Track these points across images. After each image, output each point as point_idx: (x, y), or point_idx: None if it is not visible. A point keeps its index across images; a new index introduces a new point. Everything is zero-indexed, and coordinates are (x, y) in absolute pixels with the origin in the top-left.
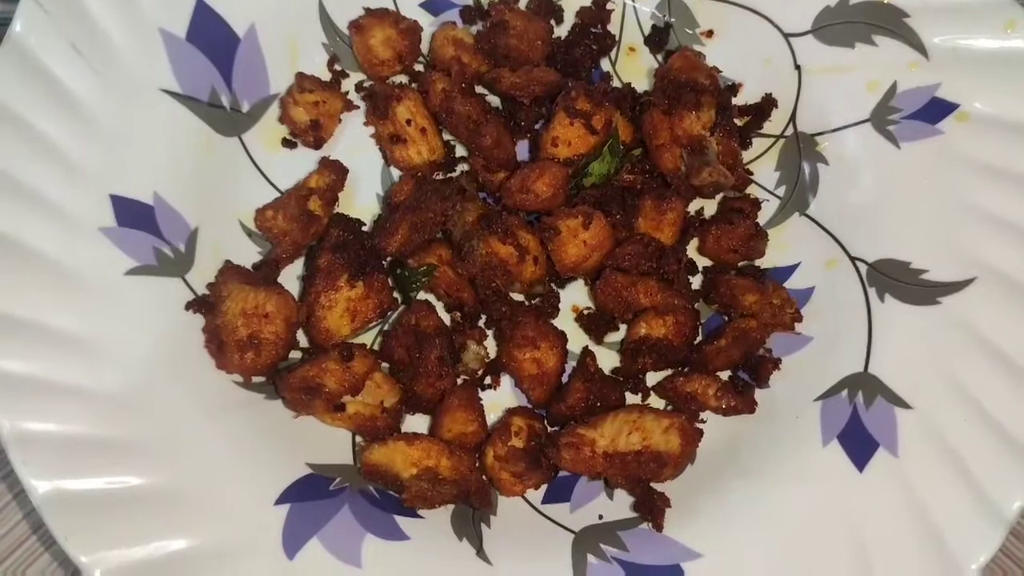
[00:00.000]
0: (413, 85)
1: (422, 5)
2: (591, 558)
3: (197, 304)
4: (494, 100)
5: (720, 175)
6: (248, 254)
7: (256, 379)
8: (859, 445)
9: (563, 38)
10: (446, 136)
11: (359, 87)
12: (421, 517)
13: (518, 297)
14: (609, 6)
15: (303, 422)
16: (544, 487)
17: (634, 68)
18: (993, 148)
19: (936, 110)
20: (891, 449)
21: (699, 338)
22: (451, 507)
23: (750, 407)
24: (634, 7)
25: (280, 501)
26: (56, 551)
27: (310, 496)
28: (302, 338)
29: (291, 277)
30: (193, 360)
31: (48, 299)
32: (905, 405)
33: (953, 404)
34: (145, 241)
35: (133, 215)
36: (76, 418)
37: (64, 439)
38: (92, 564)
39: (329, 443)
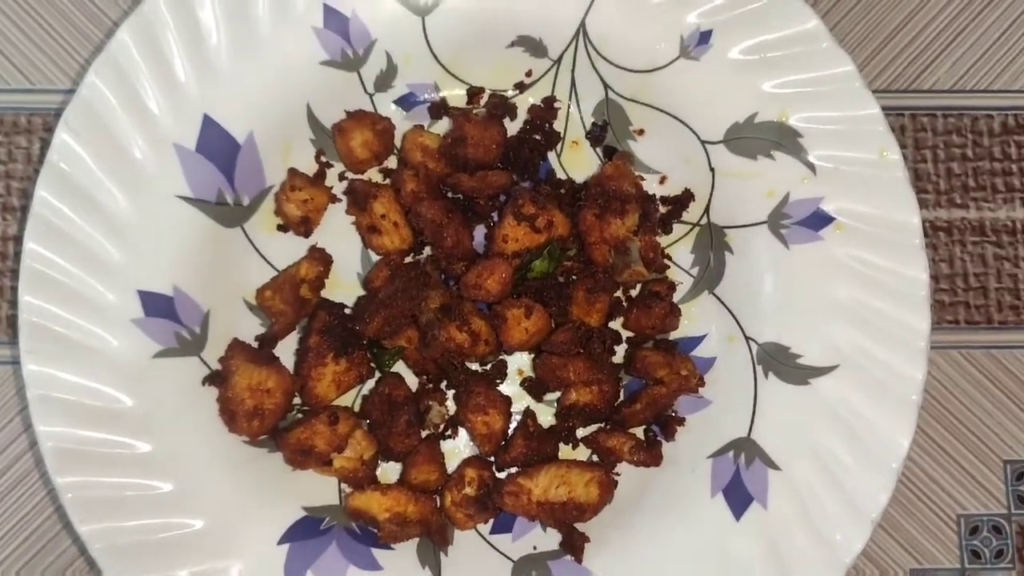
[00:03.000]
0: (387, 181)
1: (396, 102)
2: None
3: (211, 379)
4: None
5: (638, 275)
6: (252, 326)
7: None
8: (738, 498)
9: (515, 135)
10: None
11: (342, 177)
12: (392, 549)
13: (474, 365)
14: (556, 105)
15: (298, 471)
16: (492, 520)
17: (576, 160)
18: (858, 256)
19: (818, 220)
20: (762, 503)
21: (621, 398)
22: (417, 540)
23: (656, 462)
24: (578, 106)
25: (282, 541)
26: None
27: (306, 536)
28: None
29: (288, 347)
30: (210, 424)
31: (93, 382)
32: (776, 467)
33: (811, 469)
34: (167, 327)
35: (157, 306)
36: (121, 473)
37: (112, 492)
38: None
39: (320, 487)
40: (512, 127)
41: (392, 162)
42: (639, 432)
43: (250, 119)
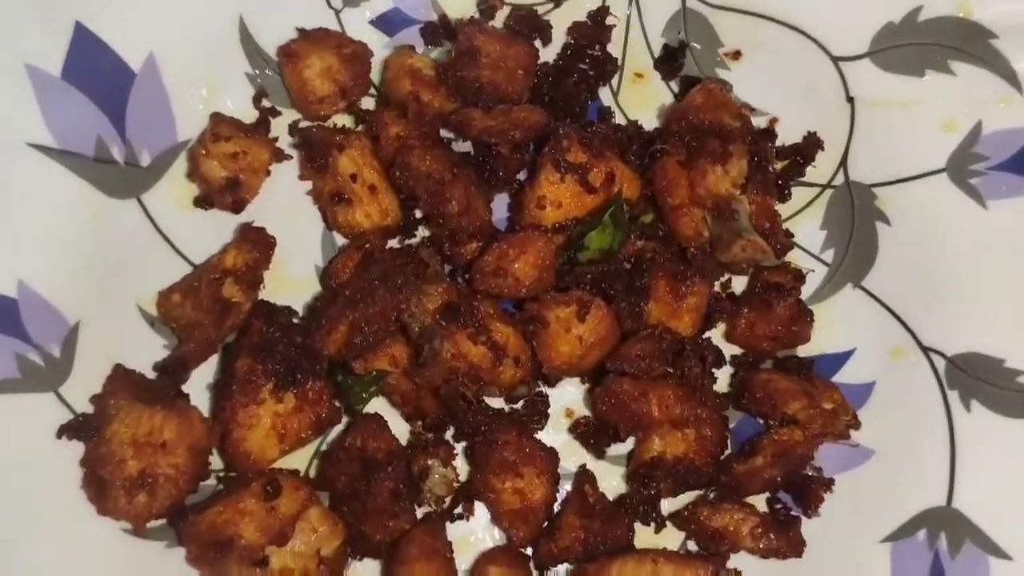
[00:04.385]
0: (359, 128)
1: (373, 22)
2: None
3: (73, 429)
4: (464, 143)
5: (756, 250)
6: (151, 349)
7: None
8: None
9: (551, 63)
10: None
11: (293, 128)
12: None
13: (497, 401)
14: (609, 20)
15: None
16: None
17: (642, 99)
18: None
19: None
20: None
21: (727, 450)
22: None
23: (796, 550)
24: (641, 22)
25: None
26: None
27: None
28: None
29: (205, 379)
30: (68, 502)
31: None
32: (1003, 555)
33: None
34: (5, 347)
35: None
36: None
37: None
38: None
39: None
40: (547, 54)
41: (368, 103)
42: (761, 502)
43: (151, 32)
